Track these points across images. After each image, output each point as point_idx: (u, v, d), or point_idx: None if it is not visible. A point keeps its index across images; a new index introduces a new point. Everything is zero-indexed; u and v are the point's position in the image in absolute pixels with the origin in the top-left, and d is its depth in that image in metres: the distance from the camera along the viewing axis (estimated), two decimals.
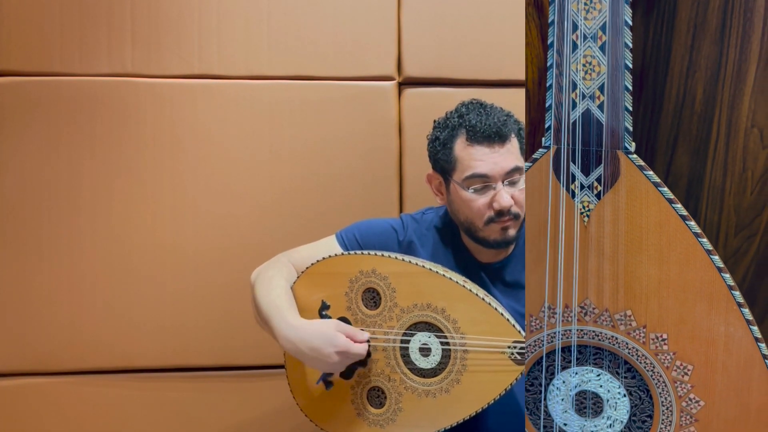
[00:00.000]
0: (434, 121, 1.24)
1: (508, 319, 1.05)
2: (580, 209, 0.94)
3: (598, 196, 0.93)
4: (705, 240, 0.91)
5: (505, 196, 1.14)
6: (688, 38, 1.04)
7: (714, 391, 0.94)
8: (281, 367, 1.27)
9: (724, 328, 0.92)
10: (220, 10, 1.51)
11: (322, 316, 1.18)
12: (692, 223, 0.91)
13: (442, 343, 1.10)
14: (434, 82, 1.56)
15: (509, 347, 1.05)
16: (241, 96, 1.52)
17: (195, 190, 1.52)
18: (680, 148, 1.07)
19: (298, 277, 1.21)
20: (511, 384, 1.06)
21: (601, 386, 0.98)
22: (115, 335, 1.52)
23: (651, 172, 0.91)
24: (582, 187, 0.93)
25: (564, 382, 0.99)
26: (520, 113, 1.16)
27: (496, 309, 1.06)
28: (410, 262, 1.12)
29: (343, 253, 1.21)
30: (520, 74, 1.52)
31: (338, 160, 1.54)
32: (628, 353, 0.96)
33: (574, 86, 0.91)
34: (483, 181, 1.15)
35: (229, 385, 1.56)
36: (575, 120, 0.91)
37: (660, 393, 0.96)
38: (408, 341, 1.13)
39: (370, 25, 1.54)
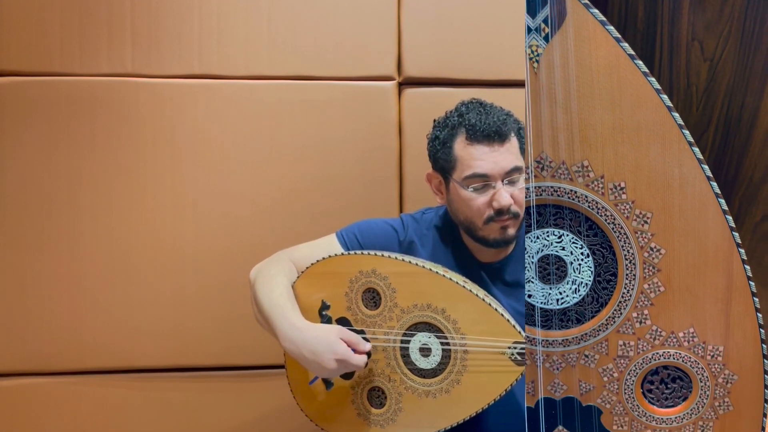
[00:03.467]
0: (434, 121, 1.24)
1: (508, 320, 1.05)
2: (529, 54, 0.91)
3: (546, 38, 0.91)
4: (653, 79, 0.91)
5: (505, 195, 1.14)
6: None
7: (673, 237, 0.94)
8: (281, 367, 1.26)
9: (678, 170, 0.92)
10: (220, 10, 1.51)
11: (321, 316, 1.18)
12: (640, 62, 0.90)
13: (442, 344, 1.10)
14: (434, 82, 1.55)
15: (509, 348, 1.05)
16: (241, 96, 1.52)
17: (195, 189, 1.52)
18: None
19: (297, 277, 1.21)
20: (511, 384, 1.06)
21: (563, 248, 0.97)
22: (115, 335, 1.52)
23: (596, 10, 0.90)
24: (529, 29, 0.91)
25: (525, 248, 0.97)
26: (520, 113, 1.16)
27: (496, 309, 1.06)
28: (410, 262, 1.12)
29: (342, 253, 1.21)
30: (520, 74, 1.52)
31: (338, 160, 1.54)
32: (588, 207, 0.94)
33: None
34: (483, 181, 1.15)
35: (229, 385, 1.56)
36: None
37: (622, 246, 0.95)
38: (408, 341, 1.13)
39: (370, 25, 1.54)
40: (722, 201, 0.93)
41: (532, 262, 0.97)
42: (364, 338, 1.14)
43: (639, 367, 0.98)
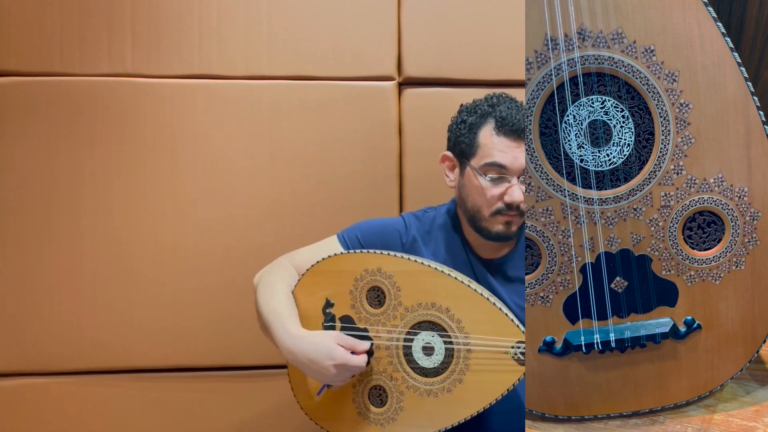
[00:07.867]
0: (461, 105, 1.25)
1: (512, 320, 1.05)
2: None
3: None
4: None
5: (518, 191, 1.15)
6: None
7: (698, 92, 1.06)
8: (281, 367, 1.27)
9: (698, 30, 1.04)
10: (220, 10, 1.51)
11: (325, 314, 1.18)
12: None
13: (445, 343, 1.11)
14: (434, 82, 1.56)
15: (512, 347, 1.05)
16: (241, 96, 1.52)
17: (195, 190, 1.52)
18: None
19: (302, 275, 1.21)
20: (513, 384, 1.06)
21: (606, 113, 1.07)
22: (115, 335, 1.52)
23: None
24: None
25: (574, 116, 1.07)
26: None
27: (500, 309, 1.06)
28: (415, 261, 1.12)
29: (348, 252, 1.21)
30: (520, 74, 1.52)
31: (338, 161, 1.54)
32: (625, 71, 1.05)
33: None
34: (500, 172, 1.16)
35: (229, 385, 1.56)
36: None
37: (657, 105, 1.06)
38: (411, 340, 1.13)
39: (370, 25, 1.54)
40: (736, 54, 1.05)
41: (581, 129, 1.08)
42: (366, 336, 1.15)
43: (679, 214, 1.11)
